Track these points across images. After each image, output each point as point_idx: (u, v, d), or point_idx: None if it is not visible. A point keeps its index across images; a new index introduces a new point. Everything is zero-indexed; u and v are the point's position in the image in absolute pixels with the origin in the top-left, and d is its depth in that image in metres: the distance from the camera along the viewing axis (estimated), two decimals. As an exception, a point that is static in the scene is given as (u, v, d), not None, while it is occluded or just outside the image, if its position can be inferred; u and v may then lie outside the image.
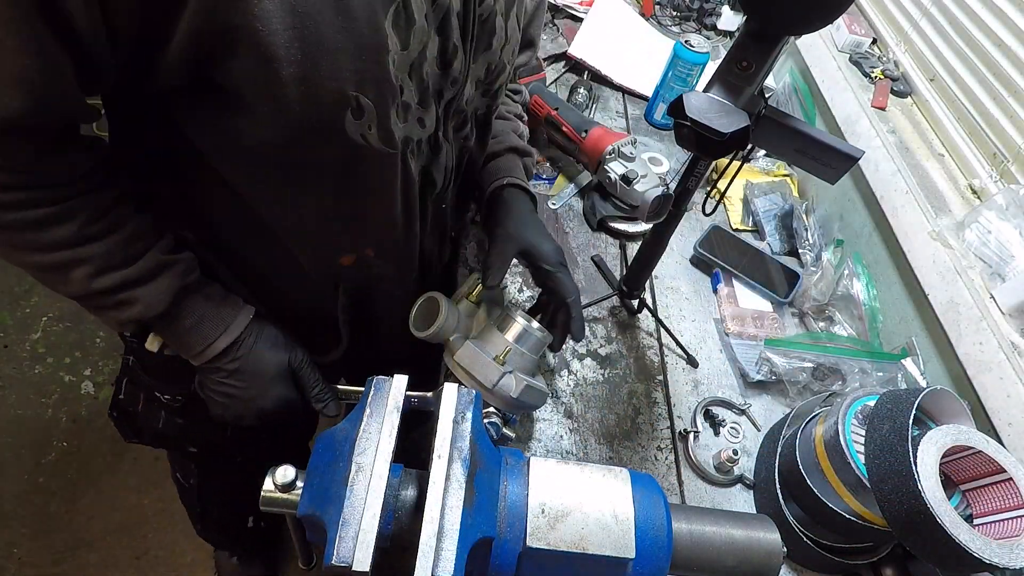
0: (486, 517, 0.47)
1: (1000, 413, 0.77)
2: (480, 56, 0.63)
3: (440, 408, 0.50)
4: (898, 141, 1.08)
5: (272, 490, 0.48)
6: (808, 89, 1.31)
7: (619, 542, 0.48)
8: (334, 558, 0.41)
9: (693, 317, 1.01)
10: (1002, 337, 0.79)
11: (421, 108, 0.59)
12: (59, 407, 1.80)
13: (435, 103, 0.61)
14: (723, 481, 0.82)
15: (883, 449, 0.63)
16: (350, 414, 0.51)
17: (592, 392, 0.88)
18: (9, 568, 1.53)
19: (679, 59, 1.19)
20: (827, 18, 0.51)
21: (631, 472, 0.53)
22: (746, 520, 0.55)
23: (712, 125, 0.54)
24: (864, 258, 1.07)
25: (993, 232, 0.86)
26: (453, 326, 0.72)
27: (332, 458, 0.48)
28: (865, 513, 0.68)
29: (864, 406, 0.71)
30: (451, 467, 0.47)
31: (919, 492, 0.58)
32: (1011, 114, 0.93)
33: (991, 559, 0.56)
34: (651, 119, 1.33)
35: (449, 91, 0.62)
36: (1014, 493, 0.62)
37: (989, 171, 0.97)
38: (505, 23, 0.64)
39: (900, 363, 0.90)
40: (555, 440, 0.83)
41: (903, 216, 0.97)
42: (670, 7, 1.59)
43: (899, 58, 1.21)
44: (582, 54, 1.36)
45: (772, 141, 0.63)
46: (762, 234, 1.15)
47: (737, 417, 0.90)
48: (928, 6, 1.13)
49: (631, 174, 1.01)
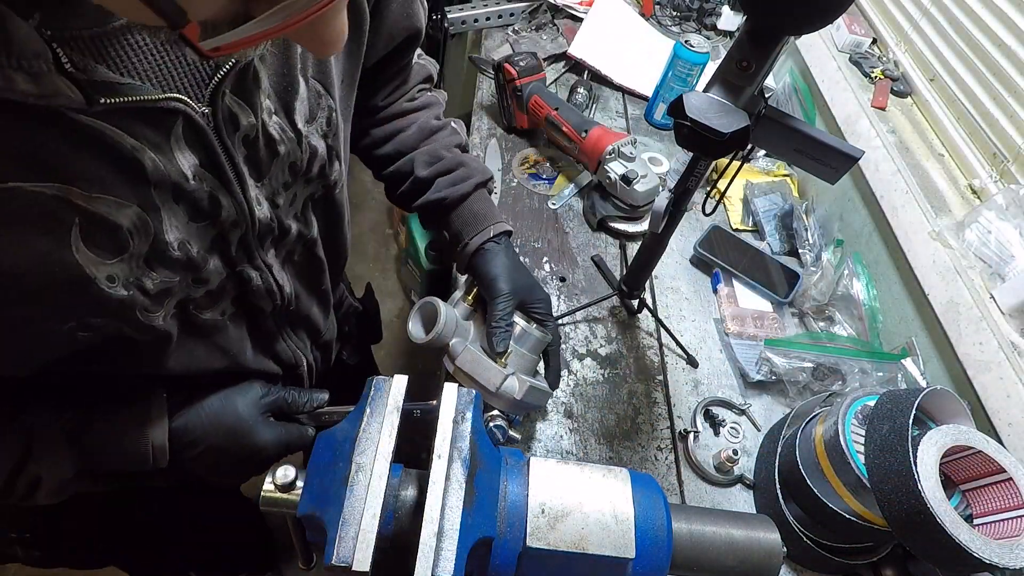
0: (486, 517, 0.47)
1: (1000, 413, 0.77)
2: (269, 168, 0.55)
3: (440, 408, 0.50)
4: (898, 141, 1.08)
5: (272, 490, 0.48)
6: (808, 89, 1.31)
7: (619, 542, 0.48)
8: (334, 558, 0.41)
9: (693, 317, 1.01)
10: (1002, 337, 0.79)
11: (190, 272, 0.51)
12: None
13: (216, 253, 0.54)
14: (723, 481, 0.82)
15: (883, 449, 0.63)
16: (350, 414, 0.50)
17: (592, 392, 0.88)
18: (9, 568, 1.53)
19: (679, 59, 1.19)
20: (827, 18, 0.51)
21: (631, 472, 0.53)
22: (746, 520, 0.55)
23: (712, 125, 0.54)
24: (864, 258, 1.07)
25: (993, 232, 0.86)
26: (452, 330, 0.71)
27: (332, 458, 0.48)
28: (865, 513, 0.68)
29: (864, 406, 0.71)
30: (451, 467, 0.47)
31: (919, 492, 0.58)
32: (1011, 114, 0.93)
33: (991, 559, 0.56)
34: (651, 119, 1.33)
35: (233, 232, 0.54)
36: (1014, 493, 0.62)
37: (989, 171, 0.97)
38: (288, 117, 0.55)
39: (900, 363, 0.90)
40: (555, 440, 0.83)
41: (903, 216, 0.97)
42: (670, 7, 1.59)
43: (899, 58, 1.21)
44: (582, 54, 1.36)
45: (772, 141, 0.63)
46: (762, 234, 1.15)
47: (737, 417, 0.90)
48: (928, 6, 1.13)
49: (631, 174, 1.01)
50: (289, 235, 0.61)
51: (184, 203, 0.48)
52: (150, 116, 0.43)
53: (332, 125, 0.61)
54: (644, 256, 0.86)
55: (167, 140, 0.45)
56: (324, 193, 0.65)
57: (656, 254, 0.85)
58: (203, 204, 0.49)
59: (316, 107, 0.58)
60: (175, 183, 0.46)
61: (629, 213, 1.07)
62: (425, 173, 0.80)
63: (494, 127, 1.24)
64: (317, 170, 0.60)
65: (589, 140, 1.05)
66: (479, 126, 1.24)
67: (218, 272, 0.54)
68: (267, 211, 0.56)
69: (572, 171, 1.18)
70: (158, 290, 0.49)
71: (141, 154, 0.43)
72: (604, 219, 1.08)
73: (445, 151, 0.81)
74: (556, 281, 1.01)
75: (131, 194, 0.44)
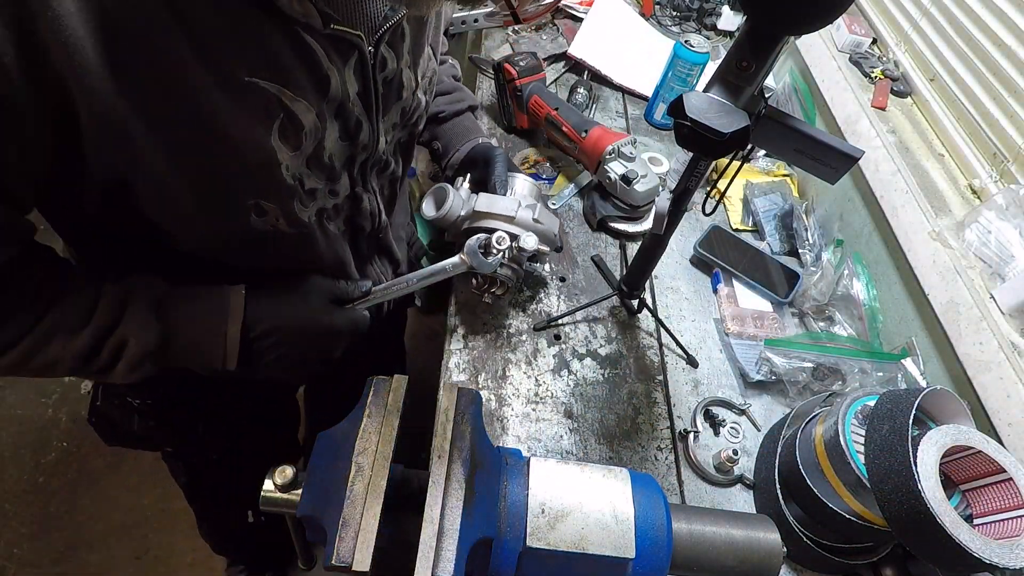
0: (486, 517, 0.47)
1: (1000, 413, 0.77)
2: (391, 108, 0.67)
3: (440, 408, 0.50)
4: (898, 141, 1.08)
5: (272, 490, 0.48)
6: (808, 89, 1.31)
7: (619, 542, 0.48)
8: (334, 558, 0.41)
9: (693, 317, 1.01)
10: (1002, 337, 0.79)
11: (330, 182, 0.63)
12: (59, 407, 1.80)
13: (346, 171, 0.65)
14: (723, 481, 0.82)
15: (883, 449, 0.63)
16: (350, 414, 0.51)
17: (592, 392, 0.88)
18: (9, 568, 1.53)
19: (679, 59, 1.19)
20: (827, 18, 0.51)
21: (631, 472, 0.54)
22: (746, 520, 0.55)
23: (712, 125, 0.54)
24: (864, 258, 1.07)
25: (993, 232, 0.86)
26: (459, 208, 0.83)
27: (332, 458, 0.48)
28: (865, 513, 0.68)
29: (864, 406, 0.71)
30: (451, 467, 0.47)
31: (919, 492, 0.58)
32: (1011, 114, 0.93)
33: (991, 559, 0.56)
34: (651, 119, 1.33)
35: (361, 155, 0.66)
36: (1014, 493, 0.62)
37: (989, 171, 0.97)
38: (414, 70, 0.68)
39: (900, 363, 0.90)
40: (555, 440, 0.83)
41: (903, 216, 0.97)
42: (670, 7, 1.59)
43: (899, 58, 1.21)
44: (582, 54, 1.36)
45: (772, 141, 0.63)
46: (762, 234, 1.15)
47: (737, 417, 0.90)
48: (928, 6, 1.13)
49: (631, 174, 1.01)
50: (388, 168, 0.73)
51: (340, 120, 0.59)
52: (341, 45, 0.55)
53: (432, 84, 0.76)
54: (644, 256, 0.86)
55: (344, 67, 0.56)
56: (408, 140, 0.78)
57: (656, 254, 0.85)
58: (351, 125, 0.60)
59: (427, 68, 0.71)
60: (341, 102, 0.57)
61: (629, 213, 1.07)
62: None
63: (494, 127, 1.24)
64: (415, 119, 0.74)
65: (589, 140, 1.05)
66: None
67: (345, 188, 0.66)
68: (383, 144, 0.68)
69: (572, 171, 1.18)
70: (309, 188, 0.60)
71: (331, 73, 0.55)
72: (604, 219, 1.08)
73: (445, 76, 0.99)
74: (556, 281, 1.01)
75: (315, 102, 0.55)
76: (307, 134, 0.55)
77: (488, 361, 0.88)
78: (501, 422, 0.83)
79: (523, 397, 0.86)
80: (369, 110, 0.62)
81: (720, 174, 1.18)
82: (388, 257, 0.87)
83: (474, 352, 0.89)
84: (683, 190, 0.72)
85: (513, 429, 0.83)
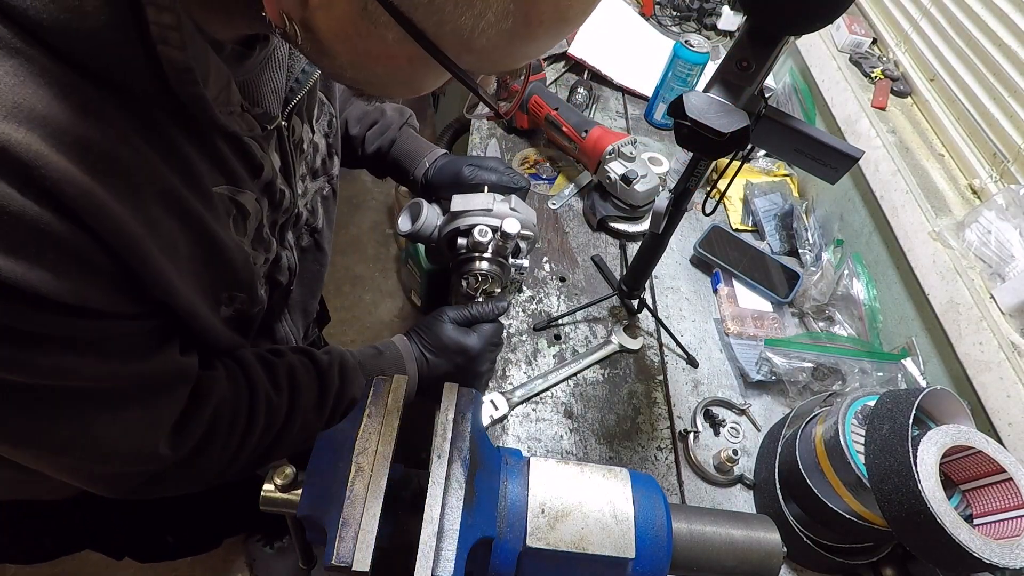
0: (486, 517, 0.47)
1: (1000, 413, 0.77)
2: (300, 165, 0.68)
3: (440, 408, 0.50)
4: (898, 141, 1.08)
5: (272, 490, 0.48)
6: (808, 89, 1.31)
7: (619, 542, 0.48)
8: (334, 558, 0.41)
9: (693, 317, 1.01)
10: (1002, 337, 0.79)
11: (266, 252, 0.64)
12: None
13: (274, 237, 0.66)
14: (723, 481, 0.82)
15: (883, 449, 0.63)
16: (350, 414, 0.51)
17: (592, 392, 0.88)
18: (9, 568, 1.53)
19: (679, 59, 1.19)
20: (827, 18, 0.51)
21: (631, 472, 0.53)
22: (746, 520, 0.55)
23: (712, 125, 0.54)
24: (864, 258, 1.07)
25: (993, 232, 0.86)
26: (433, 223, 0.86)
27: (332, 458, 0.48)
28: (865, 513, 0.68)
29: (864, 406, 0.71)
30: (451, 467, 0.47)
31: (919, 492, 0.58)
32: (1011, 114, 0.93)
33: (991, 559, 0.56)
34: (651, 119, 1.33)
35: (282, 218, 0.67)
36: (1014, 493, 0.62)
37: (989, 171, 0.97)
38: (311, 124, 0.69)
39: (900, 363, 0.90)
40: (555, 440, 0.83)
41: (903, 216, 0.97)
42: (670, 7, 1.59)
43: (899, 58, 1.21)
44: (582, 54, 1.36)
45: (772, 141, 0.63)
46: (762, 234, 1.15)
47: (737, 417, 0.90)
48: (928, 6, 1.13)
49: (631, 174, 1.01)
50: (301, 220, 0.73)
51: (267, 195, 0.61)
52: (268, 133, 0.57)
53: (332, 127, 0.75)
54: (644, 256, 0.86)
55: (268, 148, 0.58)
56: (330, 190, 0.78)
57: (656, 254, 0.85)
58: (277, 197, 0.62)
59: (320, 113, 0.72)
60: (269, 181, 0.59)
61: (629, 213, 1.07)
62: (356, 130, 0.92)
63: (494, 127, 1.24)
64: (320, 163, 0.73)
65: (589, 140, 1.05)
66: (479, 126, 1.23)
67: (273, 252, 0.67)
68: (301, 204, 0.70)
69: (572, 171, 1.18)
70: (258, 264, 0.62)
71: (264, 160, 0.57)
72: (604, 219, 1.08)
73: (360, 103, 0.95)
74: (556, 281, 1.01)
75: (253, 188, 0.57)
76: (251, 219, 0.58)
77: (488, 361, 0.88)
78: (501, 422, 0.83)
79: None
80: (289, 178, 0.64)
81: (720, 174, 1.18)
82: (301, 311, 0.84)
83: (474, 352, 0.89)
84: (683, 190, 0.72)
85: (513, 429, 0.83)
